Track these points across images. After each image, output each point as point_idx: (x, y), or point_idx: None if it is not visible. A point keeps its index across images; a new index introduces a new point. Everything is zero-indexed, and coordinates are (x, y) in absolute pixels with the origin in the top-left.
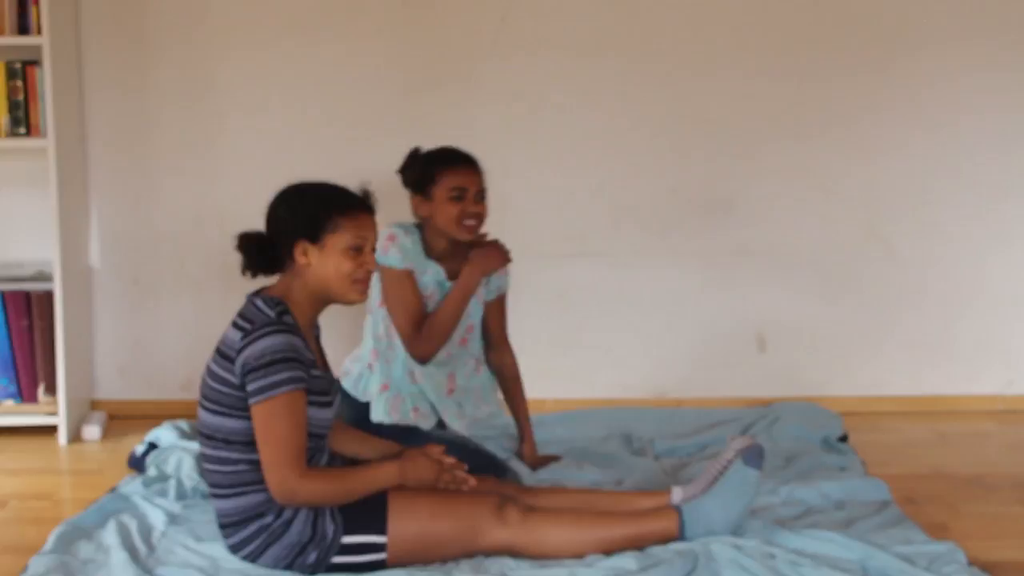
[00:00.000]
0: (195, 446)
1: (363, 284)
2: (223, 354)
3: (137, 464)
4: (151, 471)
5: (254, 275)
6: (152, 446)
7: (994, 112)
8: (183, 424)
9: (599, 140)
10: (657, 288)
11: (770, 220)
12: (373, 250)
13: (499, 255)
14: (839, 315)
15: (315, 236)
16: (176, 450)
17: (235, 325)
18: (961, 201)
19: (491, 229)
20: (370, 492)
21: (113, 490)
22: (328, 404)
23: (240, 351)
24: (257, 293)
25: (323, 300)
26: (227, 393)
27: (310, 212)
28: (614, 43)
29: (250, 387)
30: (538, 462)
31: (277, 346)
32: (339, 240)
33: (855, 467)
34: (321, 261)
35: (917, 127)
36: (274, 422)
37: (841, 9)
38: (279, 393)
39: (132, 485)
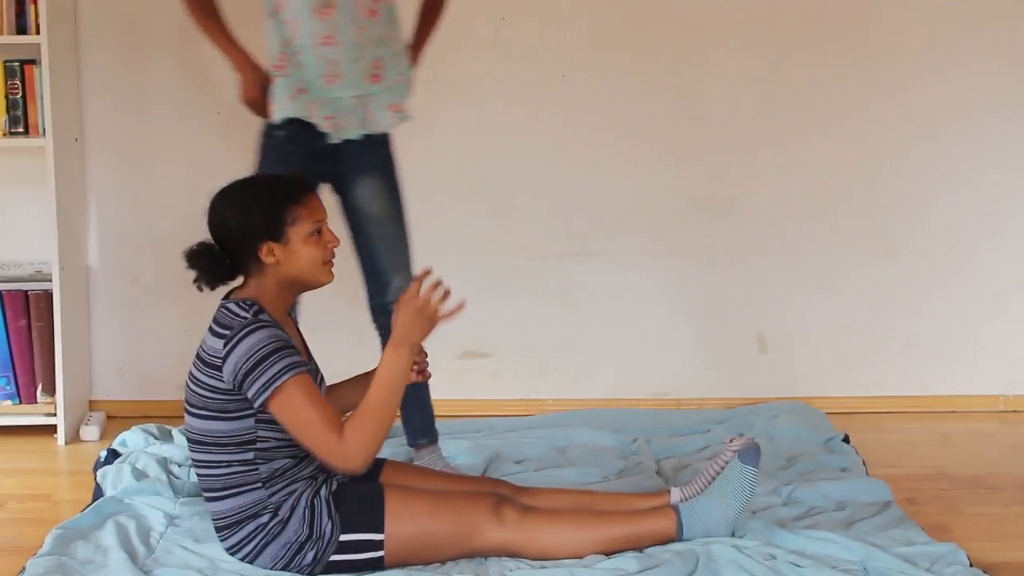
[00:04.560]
0: (161, 450)
1: (331, 264)
2: (206, 362)
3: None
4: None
5: (213, 288)
6: (115, 453)
7: (995, 112)
8: (152, 427)
9: (599, 140)
10: (657, 288)
11: (770, 220)
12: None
13: None
14: (839, 315)
15: (277, 234)
16: (141, 454)
17: (214, 333)
18: (962, 200)
19: (491, 228)
20: (397, 392)
21: (100, 492)
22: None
23: (226, 357)
24: (227, 298)
25: (295, 291)
26: (214, 398)
27: (266, 212)
28: (614, 43)
29: (252, 389)
30: None
31: (263, 340)
32: (300, 231)
33: (856, 467)
34: (288, 256)
35: (918, 127)
36: (294, 409)
37: (843, 10)
38: (284, 381)
39: (127, 486)
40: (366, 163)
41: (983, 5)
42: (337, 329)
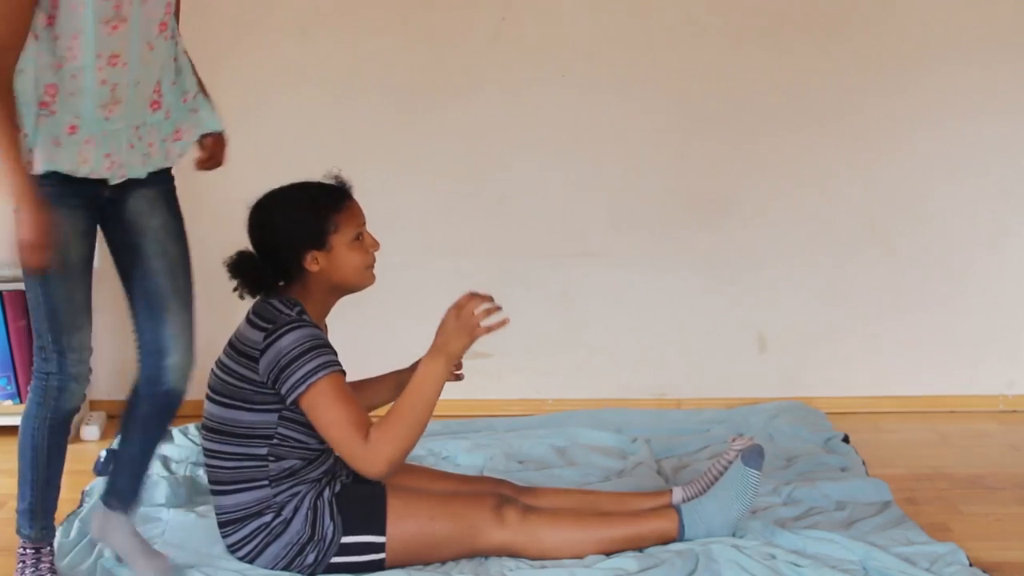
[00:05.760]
0: (162, 448)
1: (372, 268)
2: (241, 351)
3: (102, 471)
4: None
5: (255, 296)
6: (114, 453)
7: (995, 112)
8: None
9: (599, 140)
10: (657, 288)
11: (771, 220)
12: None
13: None
14: (839, 315)
15: (321, 243)
16: None
17: (254, 325)
18: (962, 200)
19: (491, 229)
20: (430, 400)
21: (83, 500)
22: None
23: (264, 350)
24: (267, 294)
25: (337, 296)
26: (242, 387)
27: (309, 221)
28: (614, 43)
29: (287, 385)
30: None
31: (303, 338)
32: (342, 237)
33: (856, 467)
34: (332, 263)
35: (918, 127)
36: (325, 407)
37: (845, 9)
38: (319, 378)
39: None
40: (151, 199)
41: (989, 6)
42: (338, 330)
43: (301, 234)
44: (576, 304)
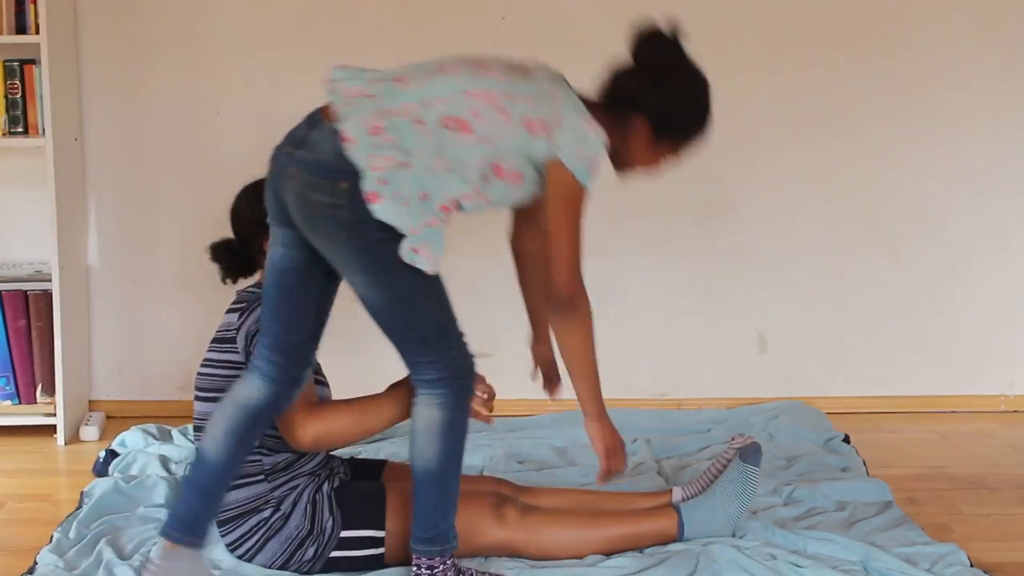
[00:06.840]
0: (161, 449)
1: None
2: (220, 339)
3: (101, 471)
4: (115, 477)
5: (234, 281)
6: (113, 453)
7: (996, 114)
8: (152, 427)
9: None
10: (657, 288)
11: (771, 220)
12: None
13: None
14: (840, 315)
15: None
16: (140, 454)
17: (230, 310)
18: (962, 201)
19: (491, 228)
20: (377, 423)
21: (82, 501)
22: (324, 384)
23: (240, 327)
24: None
25: None
26: (226, 376)
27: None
28: (614, 43)
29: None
30: (549, 365)
31: None
32: None
33: (856, 468)
34: None
35: (919, 128)
36: None
37: (845, 11)
38: None
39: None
40: None
41: (992, 11)
42: (336, 330)
43: (258, 219)
44: None
